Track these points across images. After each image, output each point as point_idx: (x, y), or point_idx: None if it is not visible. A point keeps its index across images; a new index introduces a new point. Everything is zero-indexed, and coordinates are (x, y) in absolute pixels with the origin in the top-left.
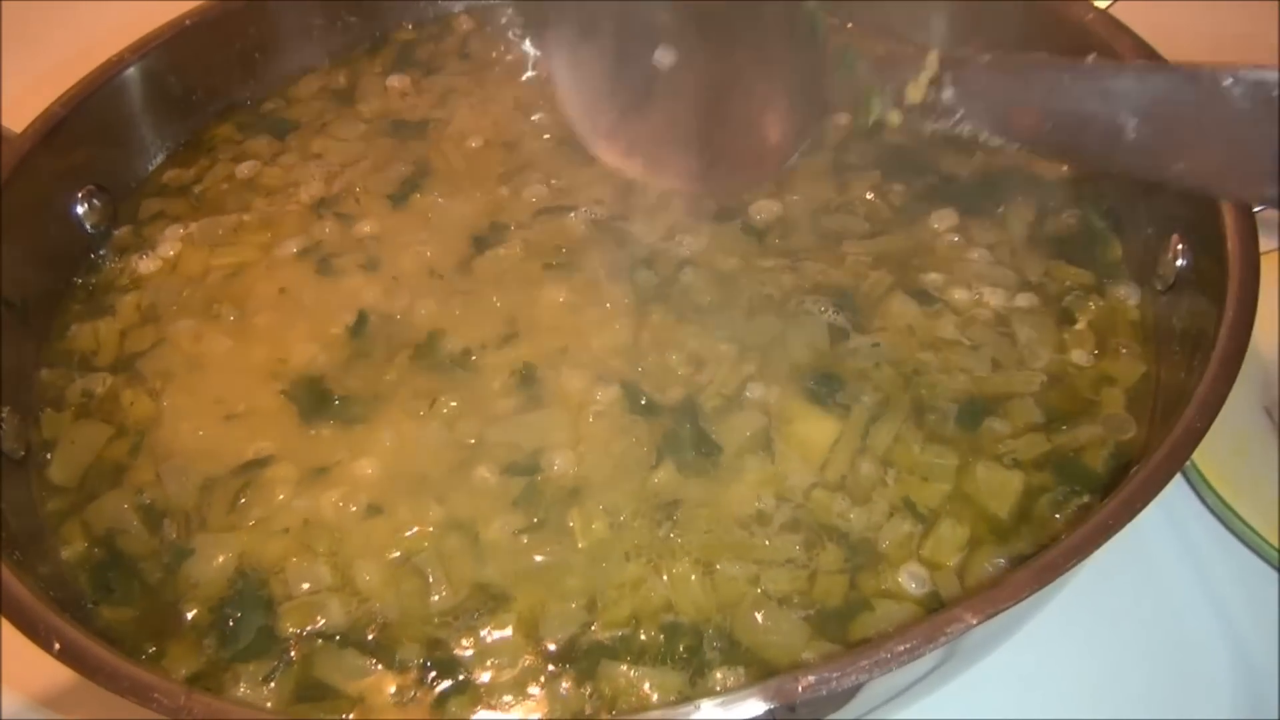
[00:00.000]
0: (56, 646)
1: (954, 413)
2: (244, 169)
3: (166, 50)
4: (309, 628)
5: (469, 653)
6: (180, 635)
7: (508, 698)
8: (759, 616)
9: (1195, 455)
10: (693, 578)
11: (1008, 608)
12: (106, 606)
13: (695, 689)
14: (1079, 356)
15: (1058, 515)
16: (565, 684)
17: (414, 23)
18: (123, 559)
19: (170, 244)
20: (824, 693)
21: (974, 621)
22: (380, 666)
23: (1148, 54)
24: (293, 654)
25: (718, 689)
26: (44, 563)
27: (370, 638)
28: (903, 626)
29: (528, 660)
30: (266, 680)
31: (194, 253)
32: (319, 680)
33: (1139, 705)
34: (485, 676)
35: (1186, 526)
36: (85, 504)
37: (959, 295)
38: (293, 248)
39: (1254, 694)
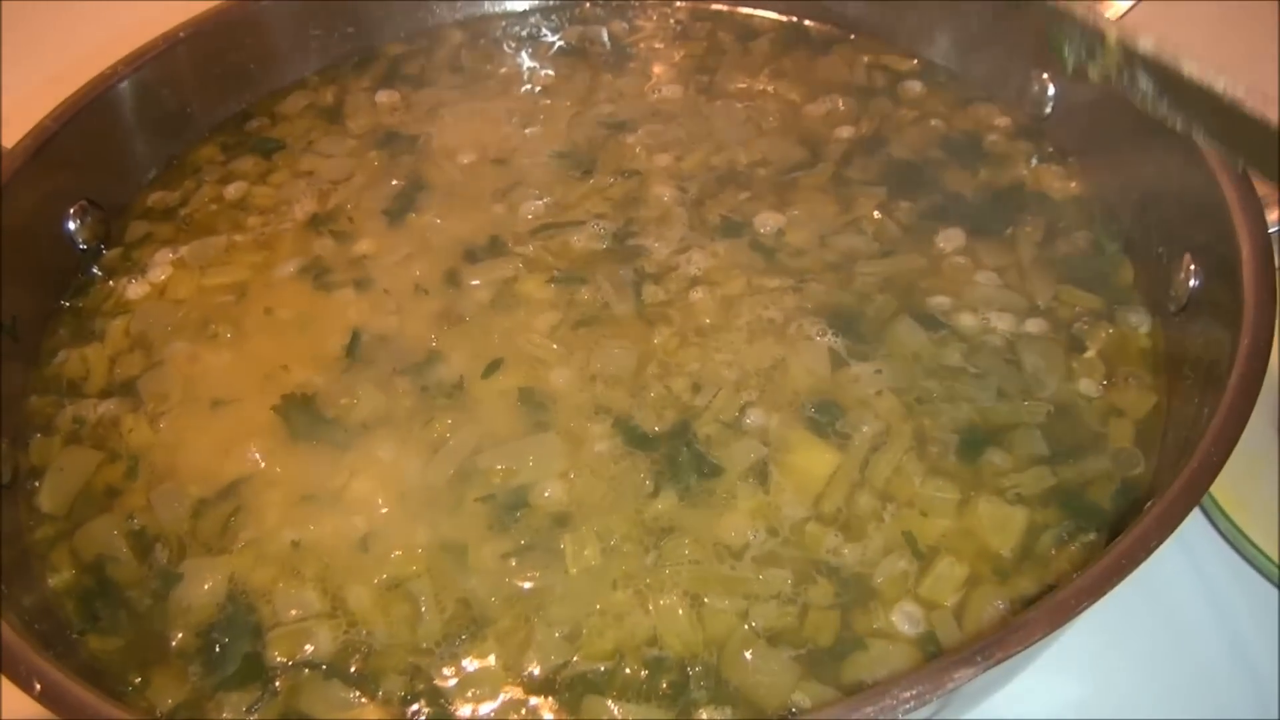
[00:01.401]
0: (38, 688)
1: (955, 444)
2: (232, 190)
3: (160, 64)
4: (297, 657)
5: (452, 683)
6: (166, 663)
7: None
8: (748, 655)
9: None
10: (680, 611)
11: (1018, 652)
12: (93, 636)
13: None
14: (1087, 386)
15: (1061, 553)
16: (547, 717)
17: (406, 34)
18: (111, 586)
19: (161, 268)
20: None
21: (982, 666)
22: (364, 700)
23: None
24: (278, 684)
25: None
26: (29, 592)
27: (354, 669)
28: (908, 671)
29: (510, 692)
30: (250, 710)
31: (185, 275)
32: (303, 713)
33: None
34: (466, 710)
35: (1198, 550)
36: (74, 531)
37: (967, 321)
38: (290, 267)
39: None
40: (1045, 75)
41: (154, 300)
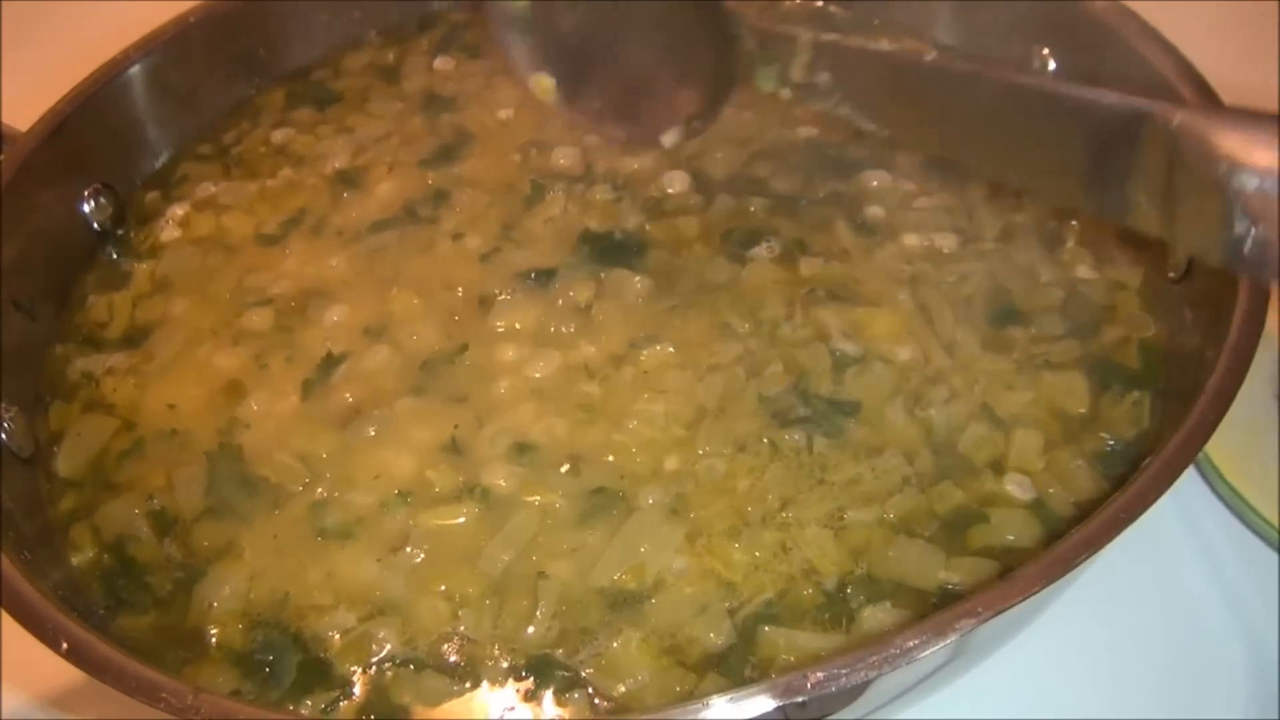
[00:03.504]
0: (64, 646)
1: (988, 317)
2: (279, 135)
3: (172, 47)
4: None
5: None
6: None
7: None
8: (891, 553)
9: (1207, 445)
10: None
11: (1017, 603)
12: (125, 615)
13: (850, 637)
14: (1083, 271)
15: (1118, 410)
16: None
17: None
18: (134, 568)
19: (185, 205)
20: (833, 689)
21: (984, 616)
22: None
23: (1158, 42)
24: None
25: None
26: (57, 569)
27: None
28: (911, 621)
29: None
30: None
31: (206, 217)
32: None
33: (1150, 700)
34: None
35: (1198, 517)
36: (94, 504)
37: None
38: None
39: (1265, 686)
40: (1045, 51)
41: (181, 244)
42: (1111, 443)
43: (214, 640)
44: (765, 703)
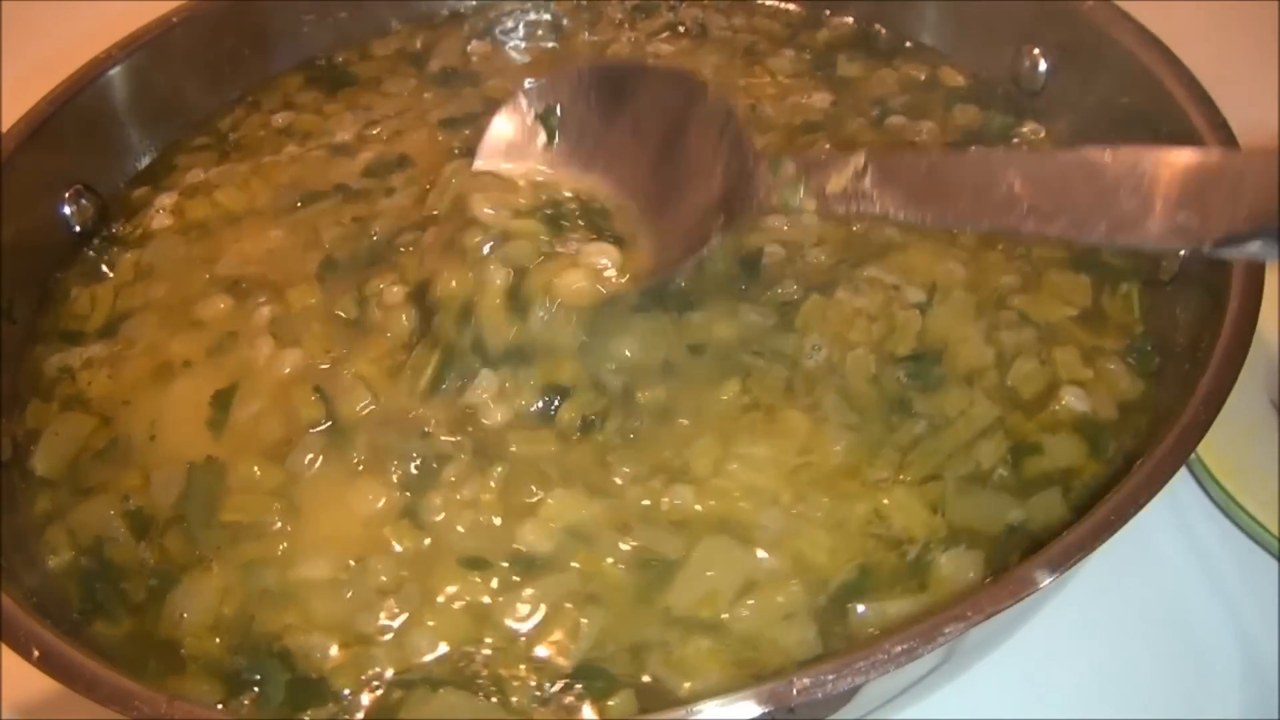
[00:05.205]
0: (35, 654)
1: None
2: (280, 118)
3: (155, 48)
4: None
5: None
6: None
7: None
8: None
9: (1199, 448)
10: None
11: (1008, 606)
12: (101, 622)
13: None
14: None
15: (1114, 303)
16: None
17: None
18: (111, 571)
19: (175, 194)
20: (819, 695)
21: (973, 620)
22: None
23: (1147, 40)
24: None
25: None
26: (32, 573)
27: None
28: (901, 625)
29: None
30: None
31: (200, 201)
32: None
33: (1143, 701)
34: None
35: (1191, 520)
36: (70, 504)
37: None
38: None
39: (1259, 688)
40: (1037, 50)
41: (171, 232)
42: (1130, 341)
43: (185, 652)
44: (751, 708)
